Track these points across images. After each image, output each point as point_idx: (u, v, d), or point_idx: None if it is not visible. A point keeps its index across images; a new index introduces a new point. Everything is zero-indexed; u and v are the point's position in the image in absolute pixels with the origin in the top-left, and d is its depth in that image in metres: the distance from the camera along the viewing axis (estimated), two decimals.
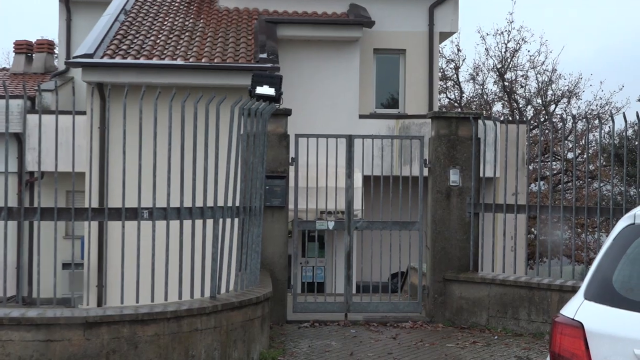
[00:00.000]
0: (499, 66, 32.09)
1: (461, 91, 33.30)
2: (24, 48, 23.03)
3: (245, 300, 7.32)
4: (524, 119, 27.72)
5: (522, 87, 32.33)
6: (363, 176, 13.35)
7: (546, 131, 27.98)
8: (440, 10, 18.21)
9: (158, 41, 15.62)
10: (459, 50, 32.72)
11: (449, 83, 32.97)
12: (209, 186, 7.32)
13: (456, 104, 32.60)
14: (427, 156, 10.47)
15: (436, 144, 10.21)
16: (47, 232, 7.94)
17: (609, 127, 11.65)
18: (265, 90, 8.26)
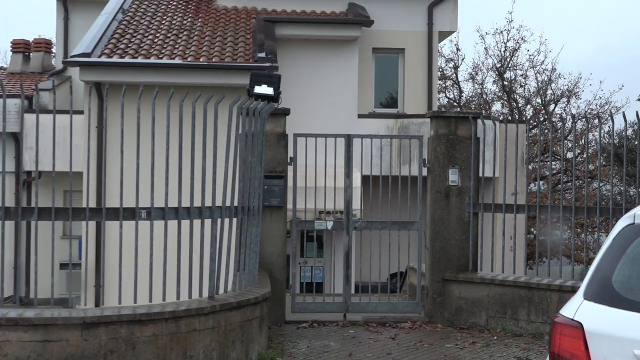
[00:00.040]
0: (498, 65, 32.09)
1: (460, 90, 33.32)
2: (21, 47, 23.00)
3: (243, 301, 7.30)
4: (524, 118, 27.73)
5: (521, 86, 32.35)
6: (362, 176, 13.34)
7: (545, 131, 27.98)
8: (440, 9, 18.19)
9: (156, 40, 15.60)
10: (458, 49, 32.82)
11: (448, 82, 32.97)
12: (207, 186, 7.31)
13: (455, 104, 32.59)
14: (426, 156, 10.45)
15: (435, 143, 10.19)
16: (44, 232, 7.92)
17: (608, 126, 11.63)
18: (264, 89, 8.24)
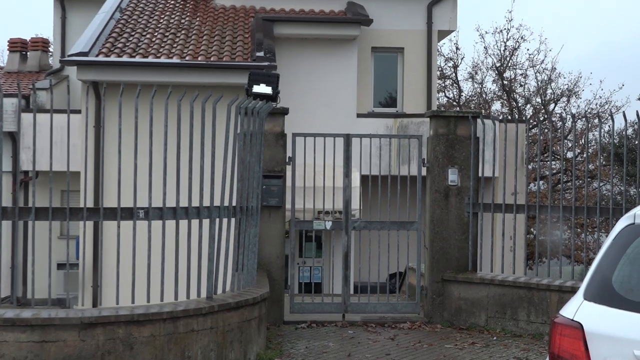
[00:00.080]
0: (498, 65, 32.07)
1: (460, 90, 33.30)
2: (18, 46, 22.96)
3: (242, 301, 7.27)
4: (523, 118, 27.72)
5: (521, 85, 32.34)
6: (361, 176, 13.32)
7: (545, 130, 27.96)
8: (439, 8, 18.16)
9: (154, 39, 15.56)
10: (457, 48, 32.81)
11: (447, 82, 32.96)
12: (205, 186, 7.28)
13: (455, 103, 32.58)
14: (425, 155, 10.42)
15: (434, 143, 10.16)
16: (41, 232, 7.90)
17: (608, 126, 11.60)
18: (262, 88, 8.19)
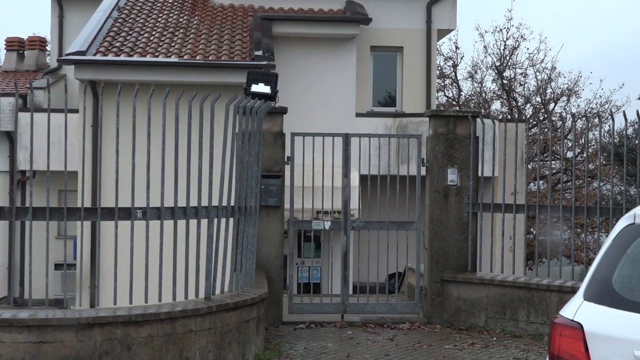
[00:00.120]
0: (497, 64, 32.05)
1: (459, 89, 33.29)
2: (15, 45, 22.92)
3: (240, 301, 7.24)
4: (523, 117, 27.67)
5: (521, 85, 32.32)
6: (360, 175, 13.29)
7: (545, 130, 27.94)
8: (438, 7, 18.13)
9: (152, 38, 15.52)
10: (457, 47, 32.83)
11: (447, 81, 32.95)
12: (203, 185, 7.25)
13: (454, 102, 32.56)
14: (424, 155, 10.39)
15: (434, 142, 10.13)
16: (39, 232, 7.86)
17: (608, 125, 11.58)
18: (261, 88, 8.16)
